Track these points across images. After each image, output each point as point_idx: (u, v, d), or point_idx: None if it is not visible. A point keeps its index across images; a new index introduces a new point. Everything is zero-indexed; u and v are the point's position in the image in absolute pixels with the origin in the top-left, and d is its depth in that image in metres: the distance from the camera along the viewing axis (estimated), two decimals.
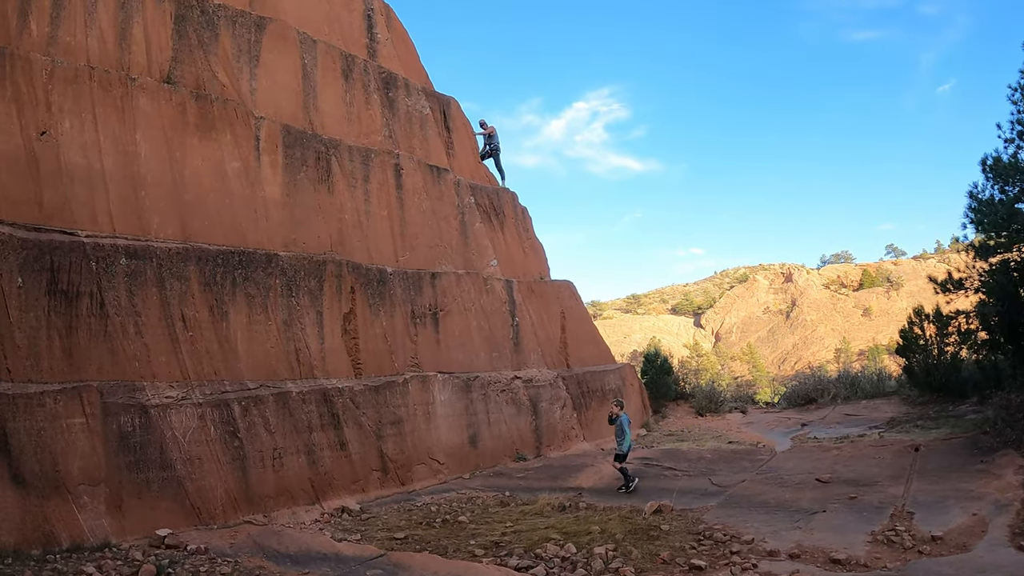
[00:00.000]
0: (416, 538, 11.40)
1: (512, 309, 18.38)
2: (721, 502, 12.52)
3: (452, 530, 11.86)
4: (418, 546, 10.96)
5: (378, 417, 14.59)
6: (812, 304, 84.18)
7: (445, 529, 11.98)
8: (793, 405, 25.23)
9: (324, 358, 14.35)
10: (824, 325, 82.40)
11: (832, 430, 20.03)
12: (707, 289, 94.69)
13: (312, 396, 13.68)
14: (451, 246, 17.70)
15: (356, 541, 11.18)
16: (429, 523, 12.31)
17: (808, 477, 13.45)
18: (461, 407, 16.13)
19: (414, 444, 15.08)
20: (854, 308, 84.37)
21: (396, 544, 11.02)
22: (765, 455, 15.90)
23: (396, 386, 15.08)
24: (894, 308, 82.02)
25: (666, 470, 15.18)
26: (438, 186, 17.90)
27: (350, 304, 14.99)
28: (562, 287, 21.19)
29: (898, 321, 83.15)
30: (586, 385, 20.15)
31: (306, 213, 15.18)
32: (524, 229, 20.93)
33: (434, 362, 16.18)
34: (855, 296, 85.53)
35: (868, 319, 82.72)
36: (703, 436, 20.95)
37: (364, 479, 14.12)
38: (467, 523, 12.33)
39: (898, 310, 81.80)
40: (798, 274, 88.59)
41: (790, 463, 14.81)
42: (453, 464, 15.69)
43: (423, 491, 14.83)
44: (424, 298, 16.29)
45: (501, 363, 17.66)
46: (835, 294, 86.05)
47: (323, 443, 13.54)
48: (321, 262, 14.69)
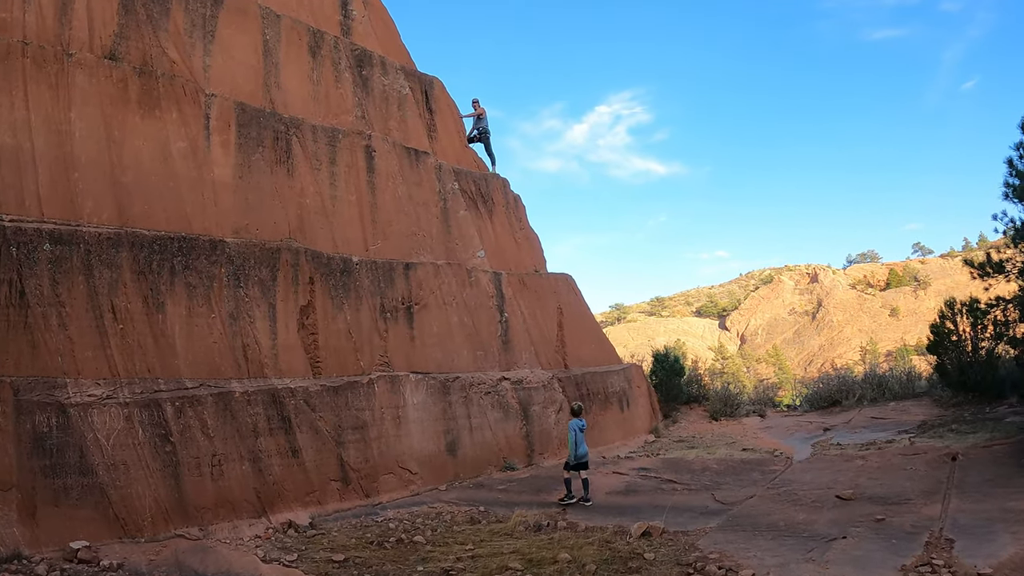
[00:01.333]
0: (358, 561, 9.52)
1: (500, 304, 16.17)
2: (722, 523, 10.18)
3: (403, 552, 9.91)
4: (355, 571, 9.09)
5: (338, 421, 12.51)
6: (838, 304, 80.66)
7: (396, 551, 10.01)
8: (815, 408, 22.61)
9: (276, 355, 12.35)
10: (851, 326, 78.86)
11: (857, 435, 17.48)
12: (732, 291, 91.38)
13: (259, 397, 11.72)
14: (431, 235, 15.56)
15: (290, 563, 9.41)
16: (381, 543, 10.33)
17: (827, 493, 11.03)
18: (438, 411, 13.95)
19: (381, 452, 12.94)
20: (881, 308, 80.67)
21: (332, 568, 9.21)
22: (779, 465, 13.47)
23: (360, 387, 12.97)
24: (922, 308, 78.30)
25: (664, 483, 12.85)
26: (416, 170, 15.79)
27: (308, 296, 12.95)
28: (559, 280, 18.93)
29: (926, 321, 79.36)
30: (586, 387, 17.84)
31: (261, 197, 13.22)
32: (516, 218, 18.70)
33: (407, 361, 14.04)
34: (882, 296, 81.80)
35: (896, 319, 78.96)
36: (715, 443, 18.52)
37: (320, 490, 12.06)
38: (423, 544, 10.28)
39: (926, 310, 78.10)
40: (824, 274, 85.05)
41: (807, 475, 12.38)
42: (427, 474, 13.52)
43: (390, 504, 12.71)
44: (396, 290, 14.17)
45: (487, 363, 15.45)
46: (862, 294, 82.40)
47: (271, 449, 11.61)
48: (275, 250, 12.70)
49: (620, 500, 12.04)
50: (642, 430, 19.97)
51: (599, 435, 17.82)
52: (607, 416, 18.36)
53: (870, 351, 67.93)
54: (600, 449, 17.60)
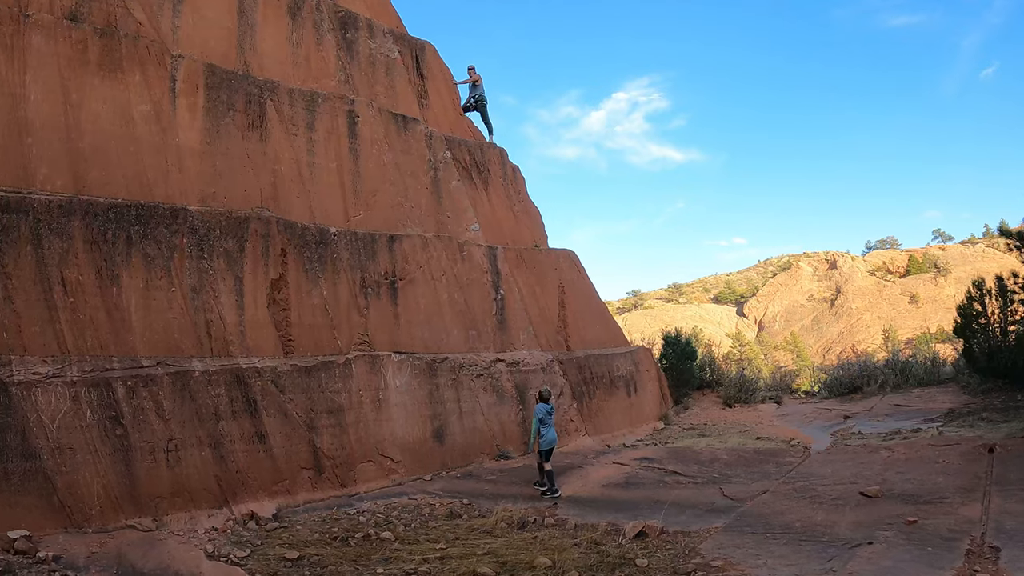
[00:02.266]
0: (313, 560, 8.36)
1: (496, 280, 14.70)
2: (730, 523, 8.70)
3: (367, 550, 8.70)
4: (307, 571, 7.92)
5: (310, 404, 11.17)
6: (857, 291, 78.12)
7: (360, 548, 8.79)
8: (835, 394, 20.92)
9: (243, 332, 11.03)
10: (870, 313, 76.34)
11: (880, 424, 15.85)
12: (750, 278, 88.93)
13: (221, 377, 10.44)
14: (419, 206, 14.12)
15: (240, 559, 8.36)
16: (346, 539, 9.13)
17: (850, 489, 9.48)
18: (423, 394, 12.55)
19: (358, 438, 11.59)
20: (900, 295, 77.96)
21: (282, 568, 7.99)
22: (796, 457, 11.92)
23: (335, 367, 11.61)
24: (942, 295, 75.55)
25: (668, 475, 11.36)
26: (404, 137, 14.34)
27: (280, 269, 11.61)
28: (561, 256, 17.38)
29: (946, 308, 76.81)
30: (589, 370, 16.36)
31: (231, 163, 11.92)
32: (515, 190, 17.18)
33: (391, 340, 12.64)
34: (901, 283, 79.02)
35: (915, 306, 76.24)
36: (728, 431, 16.98)
37: (291, 479, 10.76)
38: (391, 541, 9.03)
39: (946, 297, 75.41)
40: (842, 261, 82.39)
41: (827, 468, 10.82)
42: (411, 463, 12.15)
43: (368, 495, 11.37)
44: (379, 264, 12.76)
45: (480, 343, 14.02)
46: (881, 281, 79.72)
47: (235, 434, 10.35)
48: (243, 219, 11.36)
49: (617, 494, 10.59)
50: (651, 417, 18.45)
51: (604, 422, 16.36)
52: (612, 402, 16.87)
53: (890, 338, 65.62)
54: (605, 437, 16.15)
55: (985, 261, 74.29)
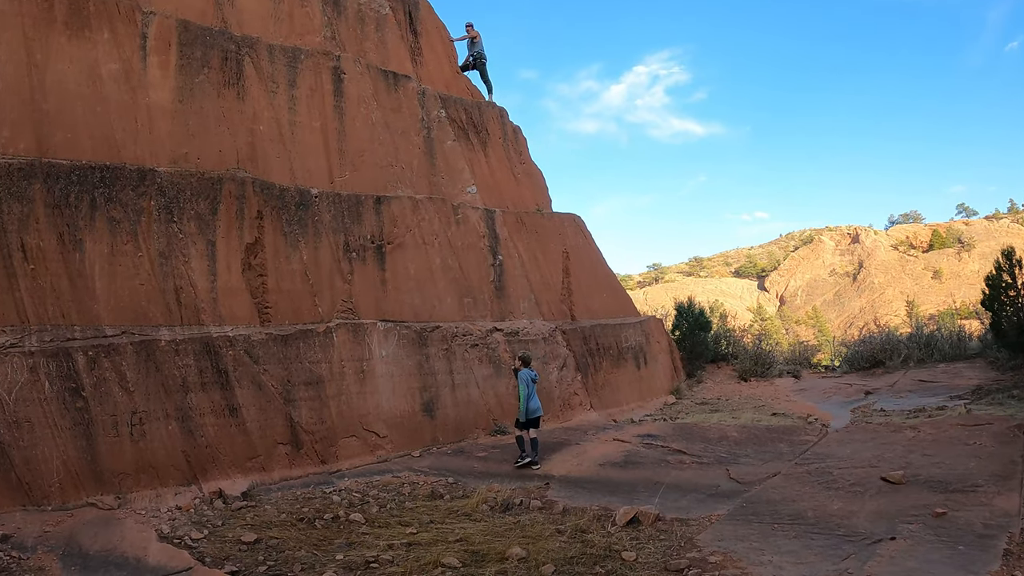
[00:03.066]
0: (271, 544, 7.58)
1: (493, 245, 13.59)
2: (734, 510, 7.61)
3: (331, 534, 7.87)
4: (261, 556, 7.11)
5: (287, 376, 10.25)
6: (880, 266, 75.73)
7: (325, 531, 7.98)
8: (856, 369, 19.55)
9: (215, 300, 10.13)
10: (892, 288, 74.00)
11: (903, 400, 14.59)
12: (772, 252, 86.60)
13: (189, 346, 9.57)
14: (411, 167, 13.02)
15: (195, 541, 7.57)
16: (312, 521, 8.27)
17: (870, 473, 8.31)
18: (412, 365, 11.55)
19: (340, 411, 10.65)
20: (924, 270, 75.40)
21: (236, 551, 7.24)
22: (812, 435, 10.76)
23: (314, 336, 10.64)
24: (966, 270, 72.99)
25: (671, 454, 10.27)
26: (394, 95, 13.20)
27: (256, 233, 10.64)
28: (565, 221, 16.16)
29: (970, 284, 74.22)
30: (595, 341, 15.24)
31: (205, 123, 10.99)
32: (516, 151, 15.96)
33: (377, 307, 11.63)
34: (925, 258, 76.39)
35: (939, 282, 73.70)
36: (742, 406, 15.80)
37: (265, 455, 9.90)
38: (360, 524, 8.16)
39: (970, 272, 72.84)
40: (865, 235, 79.84)
41: (846, 448, 9.65)
42: (399, 437, 11.19)
43: (349, 472, 10.46)
44: (364, 227, 11.72)
45: (476, 311, 12.96)
46: (904, 255, 77.17)
47: (204, 407, 9.53)
48: (216, 180, 10.41)
49: (614, 474, 9.53)
50: (661, 390, 17.32)
51: (611, 396, 15.27)
52: (620, 374, 15.76)
53: (913, 313, 63.45)
54: (611, 411, 15.07)
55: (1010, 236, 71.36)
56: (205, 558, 7.22)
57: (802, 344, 38.19)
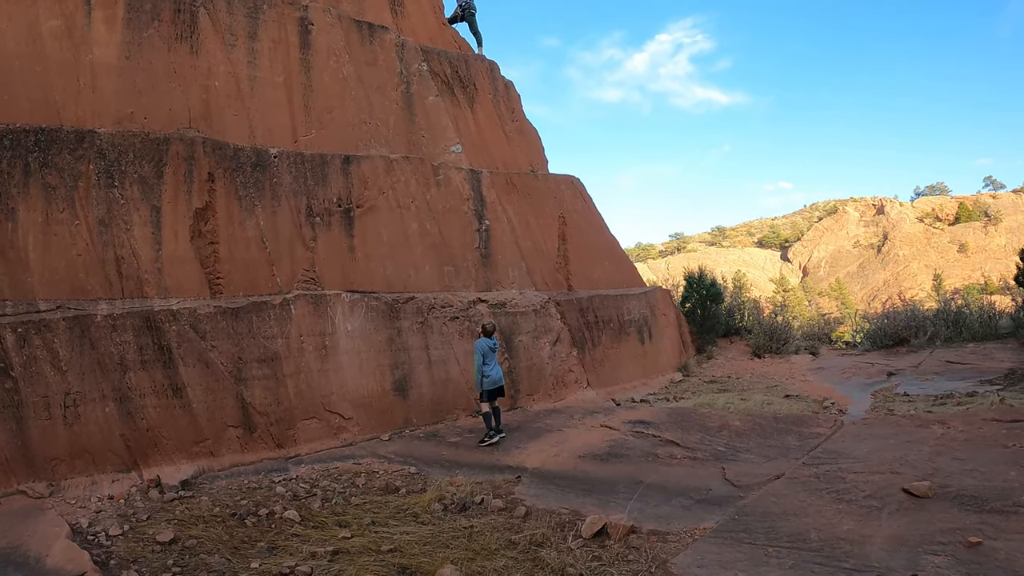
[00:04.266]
0: (187, 546, 6.34)
1: (479, 209, 12.04)
2: (723, 524, 6.11)
3: (255, 535, 6.81)
4: (170, 559, 6.05)
5: (238, 353, 8.94)
6: (905, 238, 72.47)
7: (251, 531, 6.91)
8: (879, 346, 17.73)
9: (161, 270, 8.83)
10: (917, 261, 70.81)
11: (929, 384, 12.87)
12: (795, 222, 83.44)
13: (128, 322, 8.31)
14: (387, 124, 11.49)
15: (109, 539, 6.54)
16: (243, 518, 7.16)
17: (890, 481, 6.72)
18: (381, 340, 10.16)
19: (299, 391, 9.32)
20: (949, 243, 71.99)
21: (148, 553, 6.18)
22: (825, 427, 9.16)
23: (269, 309, 9.28)
24: (992, 245, 69.58)
25: (663, 445, 8.76)
26: (369, 48, 11.62)
27: (206, 197, 9.29)
28: (562, 183, 14.50)
29: (996, 259, 70.60)
30: (594, 313, 13.70)
31: (154, 80, 9.67)
32: (508, 108, 14.29)
33: (344, 277, 10.23)
34: (950, 231, 72.89)
35: (964, 256, 70.35)
36: (753, 386, 14.21)
37: (214, 439, 8.65)
38: (294, 523, 6.94)
39: (996, 247, 69.48)
40: (890, 206, 76.38)
41: (863, 445, 8.06)
42: (366, 419, 9.85)
43: (308, 458, 9.19)
44: (330, 190, 10.27)
45: (458, 281, 11.49)
46: (929, 228, 73.74)
47: (144, 387, 8.31)
48: (162, 140, 9.05)
49: (594, 469, 8.07)
50: (668, 367, 15.76)
51: (610, 373, 13.77)
52: (622, 349, 14.23)
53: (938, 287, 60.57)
54: (611, 390, 13.58)
55: None
56: (110, 561, 6.15)
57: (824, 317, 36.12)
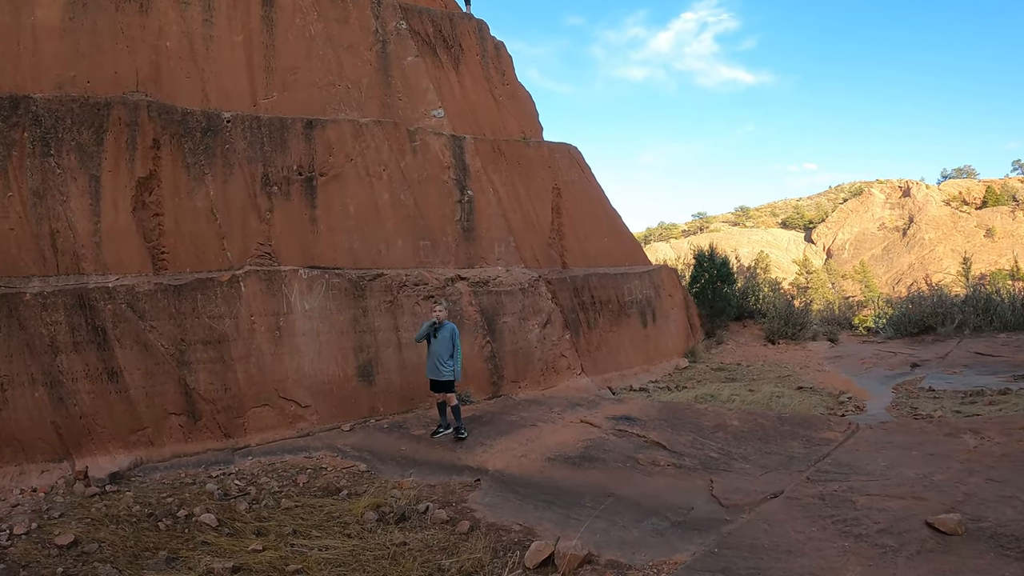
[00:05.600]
0: (85, 551, 5.34)
1: (461, 178, 10.62)
2: (697, 561, 4.71)
3: (162, 541, 5.78)
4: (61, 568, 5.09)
5: (180, 334, 7.74)
6: (931, 222, 69.12)
7: (159, 536, 5.95)
8: (902, 334, 15.95)
9: (99, 244, 7.67)
10: (943, 245, 67.50)
11: (957, 378, 11.21)
12: (820, 203, 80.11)
13: (60, 300, 7.16)
14: (358, 86, 10.11)
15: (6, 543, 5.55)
16: (158, 520, 6.09)
17: (911, 511, 5.22)
18: (344, 320, 8.87)
19: (249, 376, 8.10)
20: (976, 228, 68.44)
21: (43, 557, 5.26)
22: (837, 431, 7.64)
23: (216, 286, 8.04)
24: (1020, 230, 66.00)
25: (646, 448, 7.34)
26: (341, 5, 10.24)
27: (150, 165, 8.08)
28: (556, 151, 12.89)
29: None
30: (590, 292, 12.25)
31: (99, 41, 8.50)
32: (498, 71, 12.75)
33: (304, 251, 8.95)
34: (977, 215, 69.29)
35: (991, 240, 66.84)
36: (763, 375, 12.67)
37: (154, 428, 7.50)
38: (208, 529, 5.90)
39: None
40: (916, 189, 72.82)
41: (880, 459, 6.54)
42: (326, 407, 8.60)
43: (258, 449, 8.01)
44: (290, 156, 8.95)
45: (436, 256, 10.14)
46: (956, 212, 70.18)
47: (78, 371, 7.20)
48: (103, 104, 7.84)
49: (562, 475, 6.70)
50: (673, 352, 14.27)
51: (607, 358, 12.34)
52: (621, 333, 12.78)
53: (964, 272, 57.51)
54: (608, 377, 12.16)
55: None
56: None
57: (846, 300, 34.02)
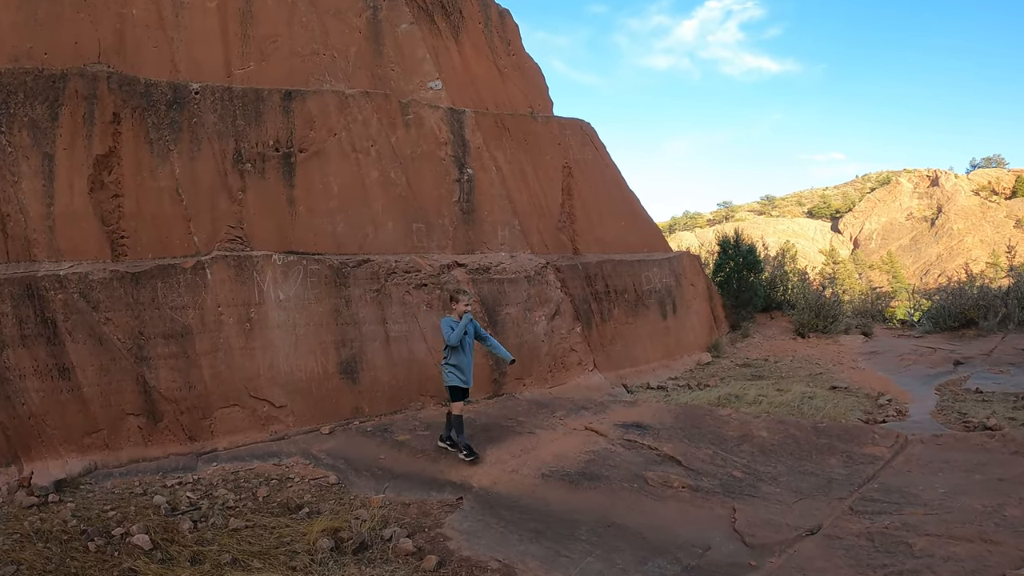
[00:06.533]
0: None
1: (461, 155, 9.40)
2: None
3: (82, 567, 4.65)
4: None
5: (139, 327, 6.71)
6: (959, 212, 66.02)
7: (84, 560, 4.79)
8: (941, 327, 14.37)
9: (52, 229, 6.67)
10: (972, 235, 64.41)
11: (1005, 378, 9.75)
12: (847, 193, 77.05)
13: (7, 290, 6.25)
14: (346, 56, 8.95)
15: None
16: (90, 538, 5.06)
17: (982, 560, 3.89)
18: (324, 311, 7.75)
19: (216, 374, 7.04)
20: (1006, 218, 65.17)
21: None
22: (883, 446, 6.28)
23: (179, 274, 6.98)
24: None
25: (659, 463, 6.08)
26: None
27: (110, 141, 7.03)
28: (567, 127, 11.47)
29: None
30: (604, 281, 10.99)
31: (58, 10, 7.47)
32: (502, 40, 11.46)
33: (281, 235, 7.85)
34: (1007, 205, 65.98)
35: (1021, 231, 63.53)
36: (793, 372, 11.31)
37: (111, 430, 6.52)
38: (139, 554, 4.88)
39: None
40: (945, 178, 69.55)
41: (937, 483, 5.20)
42: (304, 408, 7.51)
43: (226, 453, 6.96)
44: (266, 131, 7.84)
45: (431, 241, 8.96)
46: (985, 201, 66.91)
47: (26, 367, 6.24)
48: (58, 77, 6.80)
49: (557, 496, 5.49)
50: (695, 346, 12.94)
51: (623, 352, 11.08)
52: (638, 325, 11.50)
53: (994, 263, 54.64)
54: (624, 372, 10.91)
55: None
56: None
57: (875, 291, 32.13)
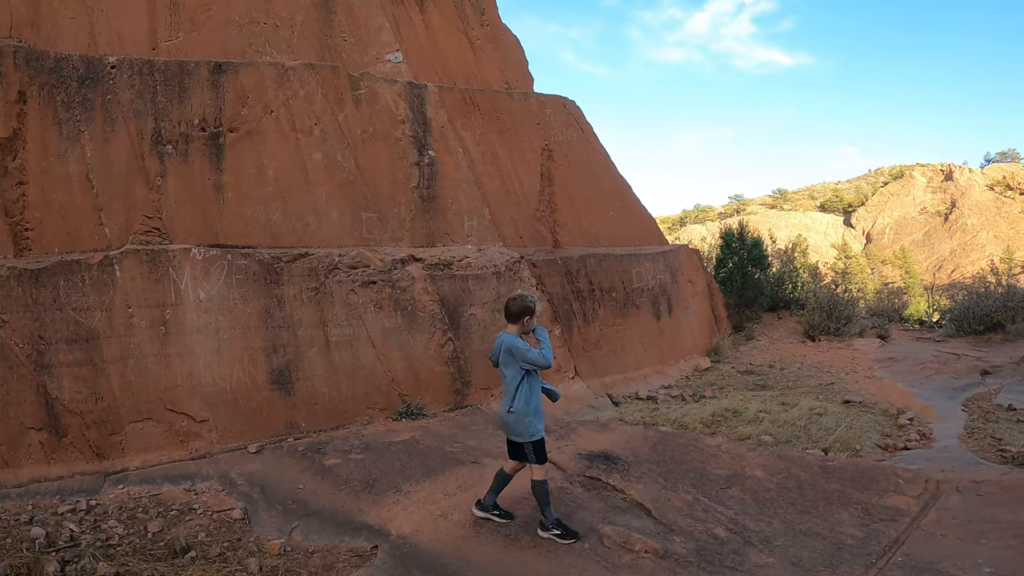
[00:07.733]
0: None
1: (421, 135, 8.02)
2: None
3: None
4: None
5: (39, 330, 5.52)
6: (974, 207, 62.88)
7: None
8: (964, 331, 12.66)
9: None
10: (986, 231, 61.29)
11: None
12: (859, 187, 73.93)
13: None
14: (291, 25, 7.63)
15: None
16: None
17: None
18: (253, 313, 6.47)
19: (127, 384, 5.83)
20: (1021, 214, 61.86)
21: None
22: (909, 495, 4.80)
23: (83, 271, 5.76)
24: None
25: (622, 511, 4.68)
26: None
27: (14, 123, 5.84)
28: (548, 104, 9.92)
29: None
30: (587, 278, 9.57)
31: None
32: (475, 10, 9.96)
33: (207, 227, 6.58)
34: (1022, 200, 62.63)
35: None
36: (801, 382, 9.82)
37: (8, 445, 5.44)
38: None
39: None
40: (959, 173, 66.29)
41: (980, 556, 3.76)
42: (229, 423, 6.26)
43: (136, 474, 5.78)
44: (190, 108, 6.56)
45: (385, 232, 7.62)
46: (1000, 197, 63.64)
47: None
48: None
49: (485, 556, 4.12)
50: (693, 350, 11.47)
51: (609, 358, 9.65)
52: (628, 327, 10.07)
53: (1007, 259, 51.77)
54: (609, 380, 9.50)
55: None
56: None
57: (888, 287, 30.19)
